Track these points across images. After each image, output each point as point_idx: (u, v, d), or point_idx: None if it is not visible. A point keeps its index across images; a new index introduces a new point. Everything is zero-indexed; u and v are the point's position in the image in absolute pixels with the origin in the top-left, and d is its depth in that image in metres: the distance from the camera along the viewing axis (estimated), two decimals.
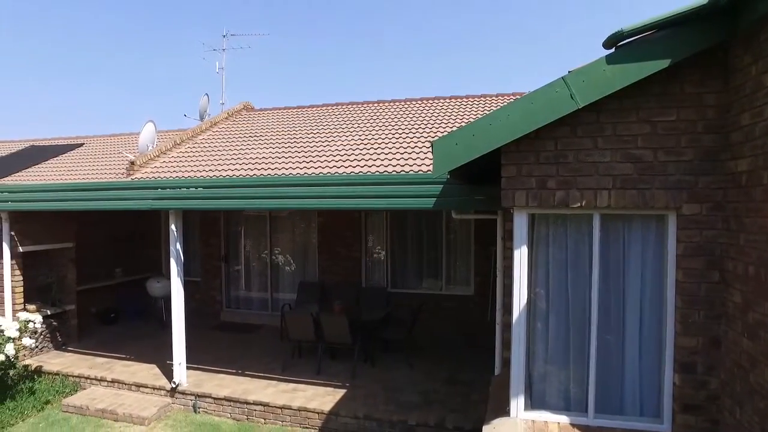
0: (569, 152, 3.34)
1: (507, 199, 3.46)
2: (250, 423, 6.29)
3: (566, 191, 3.34)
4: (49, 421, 6.44)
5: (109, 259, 10.18)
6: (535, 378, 3.65)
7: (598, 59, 3.06)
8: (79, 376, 7.40)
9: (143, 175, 8.80)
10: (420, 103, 10.68)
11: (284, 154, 8.58)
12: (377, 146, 8.17)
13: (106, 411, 6.49)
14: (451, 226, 8.91)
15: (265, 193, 6.05)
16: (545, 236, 3.59)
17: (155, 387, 6.92)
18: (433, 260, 9.04)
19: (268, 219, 10.08)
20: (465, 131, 3.31)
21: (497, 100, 10.10)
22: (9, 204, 7.46)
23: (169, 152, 9.80)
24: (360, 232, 9.32)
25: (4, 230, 7.66)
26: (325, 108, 11.60)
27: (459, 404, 6.08)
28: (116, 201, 6.83)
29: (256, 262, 10.34)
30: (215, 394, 6.55)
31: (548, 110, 3.15)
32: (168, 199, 6.42)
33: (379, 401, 6.22)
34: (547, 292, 3.63)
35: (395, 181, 5.57)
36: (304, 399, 6.30)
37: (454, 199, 5.23)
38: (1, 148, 14.99)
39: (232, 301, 10.50)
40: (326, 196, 5.74)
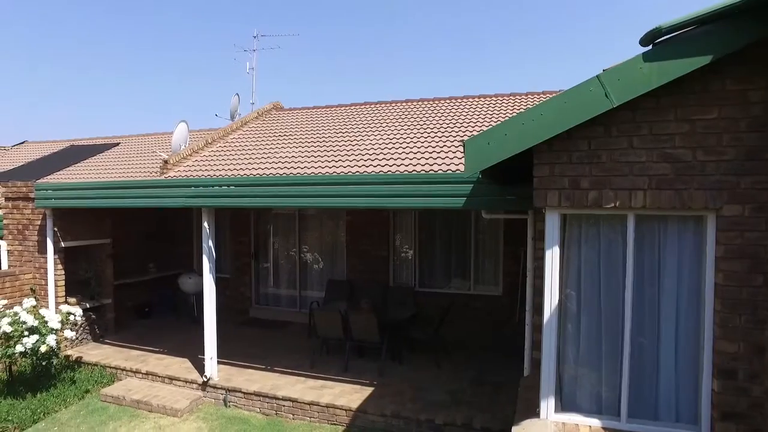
0: (603, 152, 3.28)
1: (539, 199, 3.43)
2: (278, 418, 6.39)
3: (599, 191, 3.29)
4: (89, 409, 6.68)
5: (143, 256, 10.46)
6: (566, 380, 3.60)
7: (635, 57, 3.00)
8: (116, 368, 7.65)
9: (176, 173, 9.02)
10: (448, 102, 10.63)
11: (313, 153, 8.67)
12: (405, 145, 8.17)
13: (141, 402, 6.69)
14: (480, 226, 8.84)
15: (295, 192, 6.14)
16: (577, 237, 3.53)
17: (187, 380, 7.09)
18: (461, 260, 8.99)
19: (297, 217, 10.20)
20: (497, 130, 3.29)
21: (527, 99, 9.97)
22: (52, 201, 7.77)
23: (200, 151, 10.01)
24: (388, 230, 9.34)
25: (48, 226, 7.97)
26: (353, 107, 11.66)
27: (487, 404, 6.04)
28: (152, 198, 7.03)
29: (285, 260, 10.48)
30: (245, 388, 6.67)
31: (582, 109, 3.10)
32: (201, 197, 6.58)
33: (407, 399, 6.23)
34: (579, 294, 3.58)
35: (424, 180, 5.57)
36: (332, 396, 6.36)
37: (485, 199, 5.20)
38: (44, 148, 15.59)
39: (261, 298, 10.66)
40: (354, 195, 5.79)
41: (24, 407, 6.47)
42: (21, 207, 8.27)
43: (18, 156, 15.37)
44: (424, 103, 10.84)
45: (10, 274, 7.92)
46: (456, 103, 10.45)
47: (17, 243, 8.33)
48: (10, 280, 7.85)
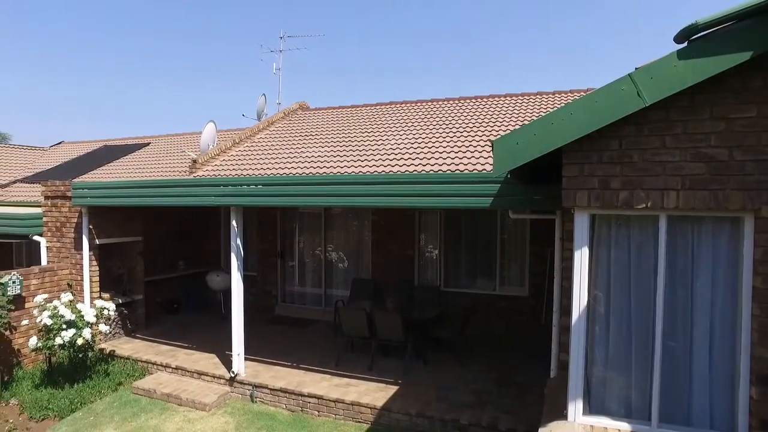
0: (634, 151, 3.22)
1: (568, 200, 3.39)
2: (304, 414, 6.46)
3: (630, 191, 3.23)
4: (122, 401, 6.89)
5: (172, 253, 10.70)
6: (594, 382, 3.55)
7: (669, 54, 2.93)
8: (147, 362, 7.86)
9: (204, 173, 9.20)
10: (474, 102, 10.56)
11: (339, 152, 8.73)
12: (431, 145, 8.15)
13: (171, 395, 6.86)
14: (506, 226, 8.77)
15: (321, 191, 6.20)
16: (607, 238, 3.48)
17: (215, 375, 7.23)
18: (487, 260, 8.93)
19: (323, 216, 10.28)
20: (526, 130, 3.26)
21: (554, 98, 9.83)
22: (88, 200, 8.03)
23: (228, 151, 10.19)
24: (413, 230, 9.34)
25: (84, 224, 8.24)
26: (378, 107, 11.69)
27: (512, 405, 6.00)
28: (182, 197, 7.19)
29: (310, 259, 10.58)
30: (271, 385, 6.77)
31: (613, 108, 3.05)
32: (229, 196, 6.70)
33: (431, 399, 6.23)
34: (608, 295, 3.52)
35: (451, 180, 5.55)
36: (356, 394, 6.40)
37: (512, 199, 5.16)
38: (80, 148, 16.09)
39: (287, 296, 10.79)
40: (380, 195, 5.81)
41: (62, 396, 6.73)
42: (59, 205, 8.57)
43: (55, 156, 15.91)
44: (449, 103, 10.79)
45: (50, 269, 8.22)
46: (482, 103, 10.38)
47: (56, 240, 8.63)
48: (50, 276, 8.15)
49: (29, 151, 17.14)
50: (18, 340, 7.53)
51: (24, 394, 6.92)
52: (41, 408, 6.50)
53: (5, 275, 7.29)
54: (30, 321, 7.38)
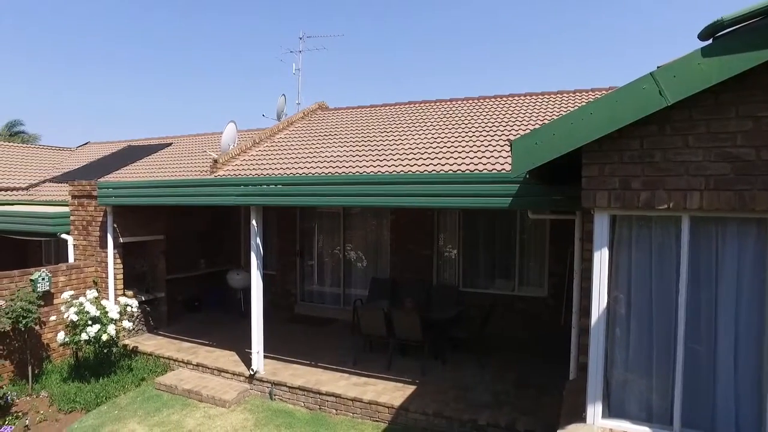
0: (656, 151, 3.17)
1: (588, 200, 3.35)
2: (322, 413, 6.52)
3: (652, 192, 3.18)
4: (145, 396, 7.04)
5: (193, 252, 10.86)
6: (614, 385, 3.51)
7: (692, 52, 2.88)
8: (169, 358, 8.01)
9: (225, 172, 9.34)
10: (493, 101, 10.50)
11: (358, 152, 8.77)
12: (450, 144, 8.14)
13: (192, 392, 6.98)
14: (525, 226, 8.70)
15: (340, 191, 6.25)
16: (627, 238, 3.43)
17: (235, 373, 7.34)
18: (506, 260, 8.87)
19: (342, 216, 10.34)
20: (545, 130, 3.24)
21: (574, 97, 9.72)
22: (113, 199, 8.23)
23: (248, 150, 10.32)
24: (432, 230, 9.33)
25: (108, 222, 8.44)
26: (397, 107, 11.70)
27: (530, 407, 5.96)
28: (203, 197, 7.32)
29: (329, 258, 10.65)
30: (290, 383, 6.84)
31: (634, 108, 3.01)
32: (250, 195, 6.79)
33: (449, 399, 6.22)
34: (629, 297, 3.47)
35: (469, 180, 5.54)
36: (374, 393, 6.43)
37: (531, 199, 5.12)
38: (105, 148, 16.46)
39: (305, 295, 10.88)
40: (399, 195, 5.83)
41: (89, 390, 6.93)
42: (85, 204, 8.79)
43: (82, 156, 16.30)
44: (468, 102, 10.75)
45: (76, 266, 8.44)
46: (501, 102, 10.32)
47: (82, 238, 8.85)
48: (76, 273, 8.37)
49: (57, 151, 17.61)
50: (47, 334, 7.76)
51: (53, 387, 7.15)
52: (69, 401, 6.70)
53: (35, 272, 7.52)
54: (58, 317, 7.60)
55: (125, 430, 6.08)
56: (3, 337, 7.08)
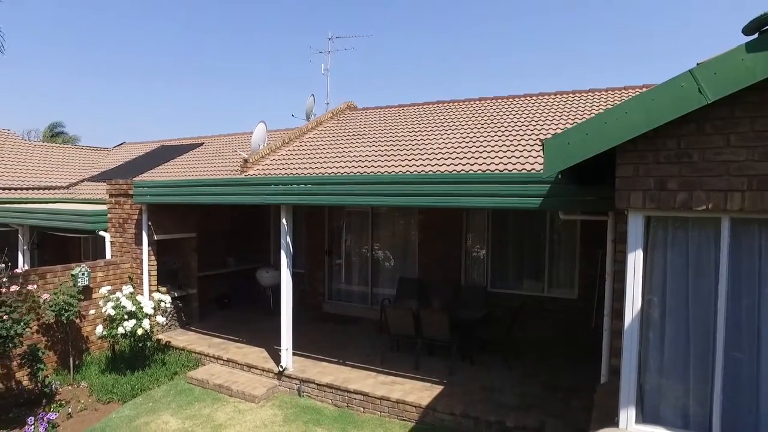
0: (694, 151, 3.08)
1: (621, 201, 3.29)
2: (349, 410, 6.56)
3: (689, 193, 3.09)
4: (177, 389, 7.24)
5: (223, 250, 11.08)
6: (648, 390, 3.43)
7: (735, 48, 2.78)
8: (200, 353, 8.20)
9: (255, 172, 9.49)
10: (523, 100, 10.37)
11: (386, 152, 8.79)
12: (479, 144, 8.08)
13: (223, 386, 7.13)
14: (556, 226, 8.58)
15: (368, 191, 6.27)
16: (663, 240, 3.35)
17: (264, 369, 7.46)
18: (535, 261, 8.76)
19: (370, 215, 10.38)
20: (578, 130, 3.20)
21: (607, 96, 9.51)
22: (147, 198, 8.47)
23: (278, 150, 10.46)
24: (460, 229, 9.28)
25: (143, 220, 8.69)
26: (426, 106, 11.68)
27: (559, 410, 5.87)
28: (235, 196, 7.46)
29: (357, 257, 10.71)
30: (318, 380, 6.91)
31: (672, 107, 2.94)
32: (280, 194, 6.89)
33: (476, 400, 6.19)
34: (663, 300, 3.39)
35: (499, 180, 5.49)
36: (402, 392, 6.44)
37: (562, 200, 5.05)
38: (139, 148, 16.96)
39: (333, 294, 10.97)
40: (428, 195, 5.82)
41: (125, 382, 7.16)
42: (122, 203, 9.08)
43: (118, 156, 16.83)
44: (498, 101, 10.65)
45: (113, 263, 8.73)
46: (531, 101, 10.18)
47: (118, 235, 9.15)
48: (113, 269, 8.66)
49: (95, 151, 18.24)
50: (86, 327, 8.05)
51: (92, 378, 7.42)
52: (107, 392, 6.96)
53: (76, 267, 7.81)
54: (96, 311, 7.87)
55: (159, 421, 6.26)
56: (47, 329, 7.39)
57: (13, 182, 13.18)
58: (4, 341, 5.58)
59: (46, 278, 7.42)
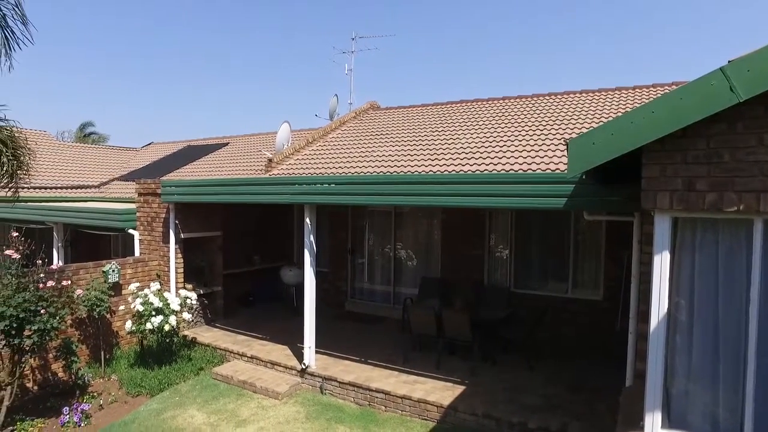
0: (725, 150, 3.01)
1: (648, 201, 3.23)
2: (371, 409, 6.61)
3: (720, 193, 3.02)
4: (202, 384, 7.39)
5: (248, 248, 11.23)
6: (674, 395, 3.36)
7: None
8: (225, 350, 8.35)
9: (279, 171, 9.61)
10: (547, 99, 10.26)
11: (409, 151, 8.80)
12: (503, 144, 8.03)
13: (247, 383, 7.25)
14: (580, 227, 8.46)
15: (392, 190, 6.30)
16: (691, 242, 3.28)
17: (287, 366, 7.56)
18: (559, 262, 8.65)
19: (393, 214, 10.41)
20: (603, 130, 3.15)
21: (634, 94, 9.34)
22: (175, 197, 8.66)
23: (302, 150, 10.57)
24: (483, 229, 9.23)
25: (171, 219, 8.90)
26: (449, 106, 11.64)
27: (583, 412, 5.80)
28: (260, 195, 7.58)
29: (380, 256, 10.75)
30: (340, 378, 6.97)
31: (701, 106, 2.87)
32: (304, 194, 6.97)
33: (499, 401, 6.16)
34: (691, 304, 3.31)
35: (522, 180, 5.46)
36: (423, 391, 6.45)
37: (587, 200, 4.99)
38: (167, 148, 17.33)
39: (356, 292, 11.03)
40: (451, 195, 5.82)
41: (153, 377, 7.36)
42: (150, 201, 9.31)
43: (146, 156, 17.25)
44: (522, 100, 10.55)
45: (141, 260, 8.96)
46: (556, 100, 10.06)
47: (147, 233, 9.38)
48: (141, 266, 8.88)
49: (124, 151, 18.73)
50: (116, 323, 8.29)
51: (122, 372, 7.65)
52: (136, 385, 7.16)
53: (107, 264, 8.05)
54: (125, 306, 8.09)
55: (186, 415, 6.41)
56: (80, 323, 7.65)
57: (48, 181, 13.65)
58: (42, 334, 5.80)
59: (79, 274, 7.67)
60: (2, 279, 5.77)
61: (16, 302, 5.58)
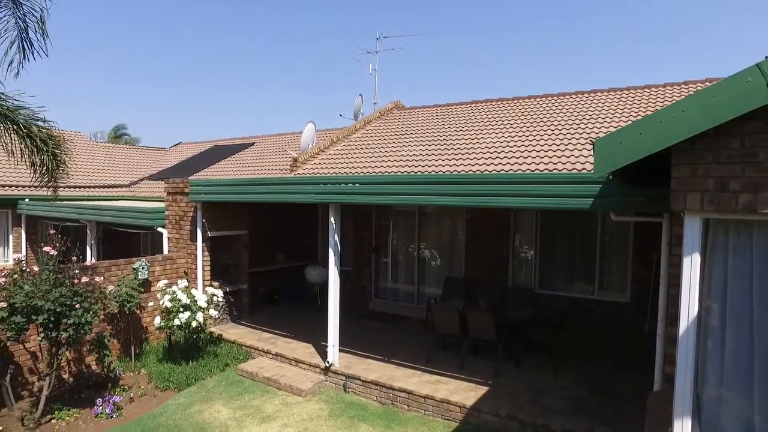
0: (760, 150, 2.92)
1: (677, 202, 3.16)
2: (394, 408, 6.62)
3: (754, 194, 2.94)
4: (228, 380, 7.53)
5: (273, 247, 11.38)
6: (705, 401, 3.28)
7: None
8: (250, 347, 8.48)
9: (304, 171, 9.70)
10: (574, 97, 10.09)
11: (433, 151, 8.78)
12: (528, 143, 7.94)
13: (271, 380, 7.36)
14: (607, 227, 8.31)
15: (416, 190, 6.30)
16: (723, 244, 3.19)
17: (311, 364, 7.63)
18: (585, 263, 8.52)
19: (417, 214, 10.40)
20: (631, 129, 3.10)
21: (664, 92, 9.11)
22: (202, 196, 8.84)
23: (327, 150, 10.64)
24: (508, 230, 9.16)
25: (198, 218, 9.08)
26: (473, 105, 11.56)
27: (609, 416, 5.71)
28: (285, 194, 7.67)
29: (403, 256, 10.76)
30: (363, 377, 7.01)
31: (735, 103, 2.79)
32: (329, 193, 7.03)
33: (523, 402, 6.11)
34: (724, 308, 3.22)
35: (548, 180, 5.40)
36: (446, 392, 6.44)
37: (614, 200, 4.91)
38: (194, 148, 17.68)
39: (380, 292, 11.06)
40: (475, 195, 5.79)
41: (180, 372, 7.52)
42: (178, 200, 9.52)
43: (174, 156, 17.62)
44: (547, 99, 10.41)
45: (170, 258, 9.17)
46: (583, 98, 9.89)
47: (175, 231, 9.59)
48: (170, 264, 9.09)
49: (153, 151, 19.19)
50: (145, 318, 8.50)
51: (151, 366, 7.84)
52: (164, 379, 7.34)
53: (137, 261, 8.27)
54: (154, 303, 8.30)
55: (212, 410, 6.54)
56: (112, 318, 7.88)
57: (83, 180, 14.09)
58: (77, 328, 6.01)
59: (111, 271, 7.90)
60: (41, 274, 5.99)
61: (54, 297, 5.80)
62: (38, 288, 5.82)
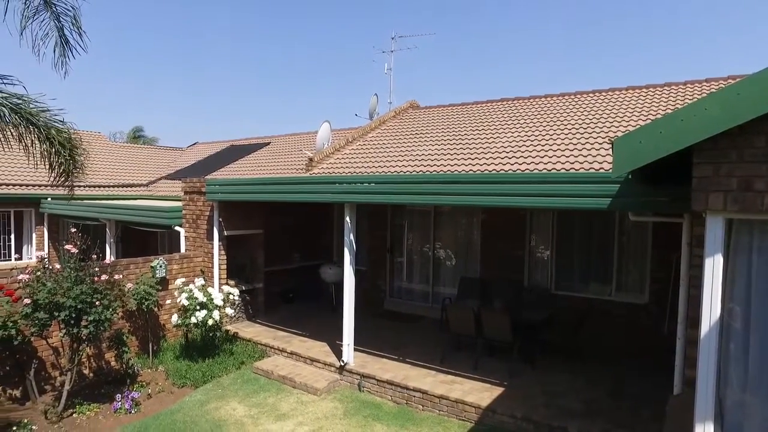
0: None
1: (699, 202, 3.10)
2: (408, 407, 6.62)
3: None
4: (243, 378, 7.59)
5: (288, 246, 11.42)
6: (728, 406, 3.22)
7: None
8: (265, 345, 8.54)
9: (320, 170, 9.73)
10: (591, 96, 9.96)
11: (449, 151, 8.74)
12: (544, 142, 7.86)
13: (286, 378, 7.40)
14: (625, 227, 8.20)
15: (431, 190, 6.29)
16: (747, 245, 3.12)
17: (326, 363, 7.66)
18: (602, 263, 8.41)
19: (432, 214, 10.37)
20: (651, 128, 3.05)
21: (684, 90, 8.94)
22: (219, 195, 8.92)
23: (342, 149, 10.66)
24: (524, 230, 9.09)
25: (215, 217, 9.17)
26: (489, 104, 11.48)
27: (626, 419, 5.63)
28: (301, 194, 7.71)
29: (419, 256, 10.73)
30: (378, 376, 7.01)
31: (759, 101, 2.73)
32: (344, 193, 7.04)
33: (538, 404, 6.06)
34: (747, 310, 3.16)
35: (565, 179, 5.34)
36: (461, 392, 6.42)
37: (633, 200, 4.84)
38: (211, 148, 17.85)
39: (395, 291, 11.05)
40: (491, 194, 5.76)
41: (197, 369, 7.61)
42: (195, 200, 9.62)
43: (191, 155, 17.81)
44: (564, 98, 10.29)
45: (187, 256, 9.28)
46: (600, 97, 9.76)
47: (192, 230, 9.71)
48: (187, 262, 9.20)
49: (170, 151, 19.43)
50: (163, 316, 8.62)
51: (168, 363, 7.95)
52: (181, 376, 7.43)
53: (155, 260, 8.39)
54: (171, 301, 8.41)
55: (228, 407, 6.60)
56: (130, 316, 8.01)
57: (102, 180, 14.33)
58: (97, 325, 6.13)
59: (129, 269, 8.02)
60: (63, 272, 6.11)
61: (75, 294, 5.92)
62: (60, 285, 5.94)
